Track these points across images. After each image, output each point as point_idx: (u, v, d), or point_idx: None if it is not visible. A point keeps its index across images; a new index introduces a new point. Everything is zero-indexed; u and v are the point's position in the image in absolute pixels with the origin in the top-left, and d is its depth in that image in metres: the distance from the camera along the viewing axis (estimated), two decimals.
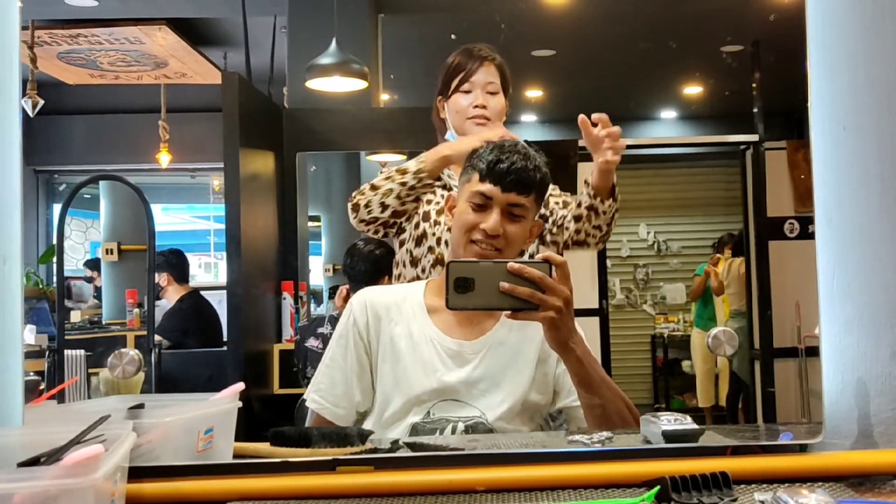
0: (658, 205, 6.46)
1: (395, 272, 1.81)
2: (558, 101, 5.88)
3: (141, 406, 0.96)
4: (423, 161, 1.72)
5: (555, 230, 1.77)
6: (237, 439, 1.08)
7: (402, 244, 1.79)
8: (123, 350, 1.04)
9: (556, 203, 1.78)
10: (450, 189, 1.72)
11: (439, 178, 1.78)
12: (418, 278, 1.71)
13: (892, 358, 0.99)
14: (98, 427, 0.85)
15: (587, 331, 1.37)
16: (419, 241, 1.75)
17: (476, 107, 1.77)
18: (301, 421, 1.57)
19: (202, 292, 5.37)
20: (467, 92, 1.78)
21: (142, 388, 3.65)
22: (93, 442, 0.82)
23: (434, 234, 1.75)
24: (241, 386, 1.08)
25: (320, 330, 2.91)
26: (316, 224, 5.21)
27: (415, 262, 1.74)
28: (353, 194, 1.76)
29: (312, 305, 4.62)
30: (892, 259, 1.02)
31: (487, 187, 1.37)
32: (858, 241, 1.03)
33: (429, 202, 1.76)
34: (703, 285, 5.21)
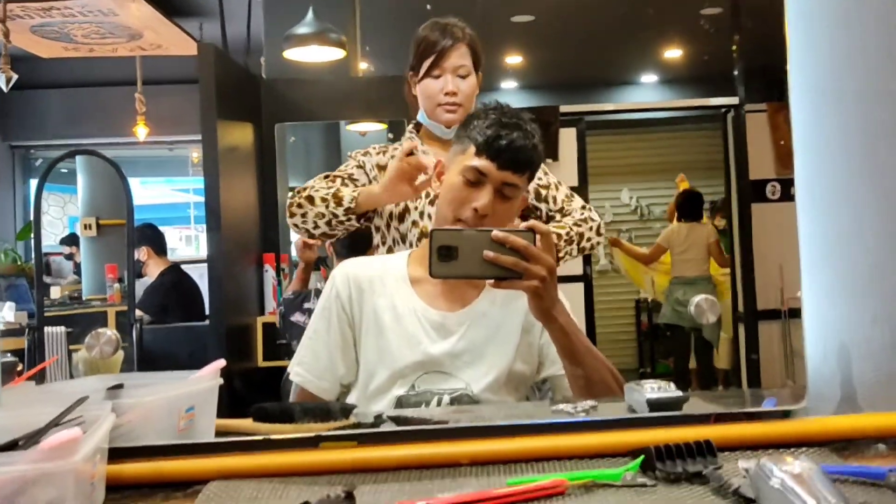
0: (640, 169, 6.46)
1: (384, 249, 1.79)
2: (538, 67, 5.85)
3: (120, 386, 0.95)
4: (355, 203, 1.65)
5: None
6: (221, 414, 1.08)
7: (387, 225, 1.77)
8: (101, 330, 1.02)
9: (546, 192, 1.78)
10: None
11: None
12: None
13: (873, 322, 0.99)
14: (76, 409, 0.84)
15: (571, 297, 1.37)
16: (402, 217, 1.73)
17: (447, 94, 1.72)
18: (286, 394, 1.57)
19: (183, 266, 5.35)
20: (437, 77, 1.74)
21: (122, 366, 3.64)
22: (71, 424, 0.80)
23: (416, 209, 1.73)
24: (221, 363, 1.07)
25: (306, 305, 2.90)
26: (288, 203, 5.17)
27: (403, 238, 1.72)
28: (292, 196, 1.71)
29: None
30: (872, 224, 1.02)
31: (483, 163, 1.34)
32: (838, 207, 1.03)
33: None
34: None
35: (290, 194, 1.73)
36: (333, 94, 4.14)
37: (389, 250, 1.74)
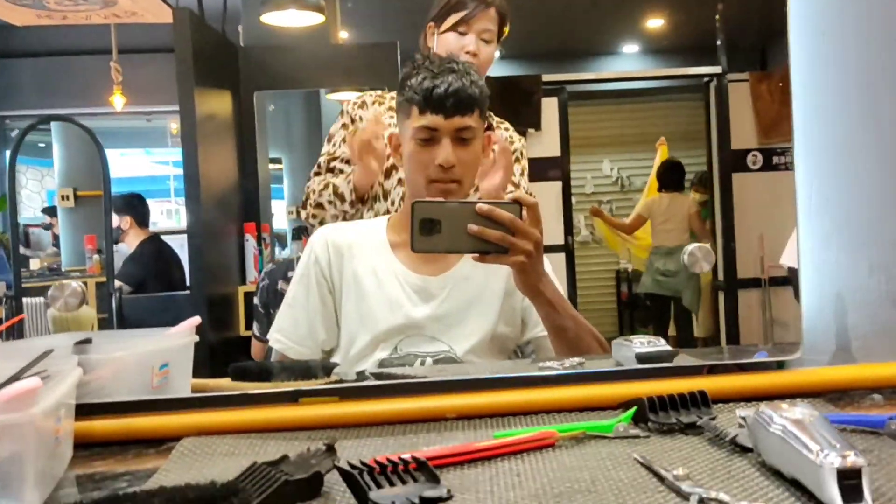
0: (621, 140, 6.43)
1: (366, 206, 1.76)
2: (520, 36, 5.78)
3: (88, 341, 0.90)
4: (354, 193, 1.67)
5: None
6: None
7: None
8: (65, 281, 0.97)
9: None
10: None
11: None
12: (388, 212, 1.66)
13: (870, 272, 0.96)
14: (41, 363, 0.80)
15: (553, 267, 1.34)
16: (388, 173, 1.69)
17: (468, 52, 1.68)
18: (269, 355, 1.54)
19: (163, 237, 5.28)
20: (462, 34, 1.69)
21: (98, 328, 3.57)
22: (34, 378, 0.76)
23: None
24: (196, 320, 1.03)
25: (291, 273, 2.84)
26: (277, 167, 5.11)
27: (385, 195, 1.69)
28: (306, 213, 1.75)
29: (277, 249, 4.55)
30: (871, 171, 0.99)
31: (430, 119, 1.30)
32: (837, 153, 1.00)
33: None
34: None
35: (303, 213, 1.76)
36: (313, 62, 4.07)
37: (371, 207, 1.71)
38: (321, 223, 1.68)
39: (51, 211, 6.38)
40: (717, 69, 5.37)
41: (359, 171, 1.64)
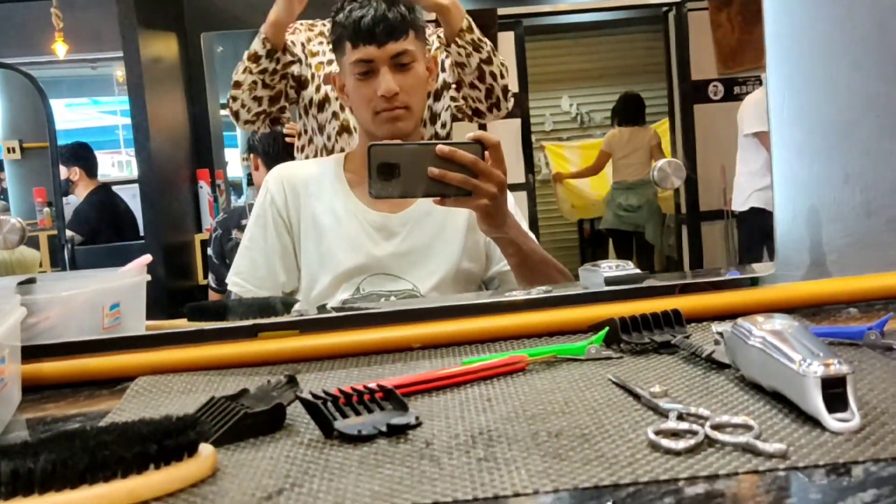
0: (579, 76, 6.35)
1: (302, 141, 1.69)
2: None
3: (32, 281, 0.85)
4: (264, 37, 1.49)
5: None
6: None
7: (306, 111, 1.66)
8: (3, 217, 0.92)
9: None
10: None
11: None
12: (325, 147, 1.60)
13: (845, 182, 0.94)
14: None
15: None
16: (321, 105, 1.62)
17: None
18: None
19: (115, 188, 5.15)
20: None
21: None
22: None
23: (337, 99, 1.62)
24: (147, 258, 0.99)
25: (245, 221, 2.76)
26: (228, 113, 4.98)
27: (321, 129, 1.62)
28: (227, 101, 1.60)
29: (232, 197, 4.45)
30: (845, 79, 0.96)
31: (363, 51, 1.26)
32: (810, 60, 0.96)
33: (329, 63, 1.62)
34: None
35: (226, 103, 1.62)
36: (260, 0, 3.94)
37: (310, 141, 1.64)
38: (243, 113, 1.57)
39: None
40: None
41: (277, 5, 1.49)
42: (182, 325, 1.02)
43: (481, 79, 1.52)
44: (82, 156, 4.31)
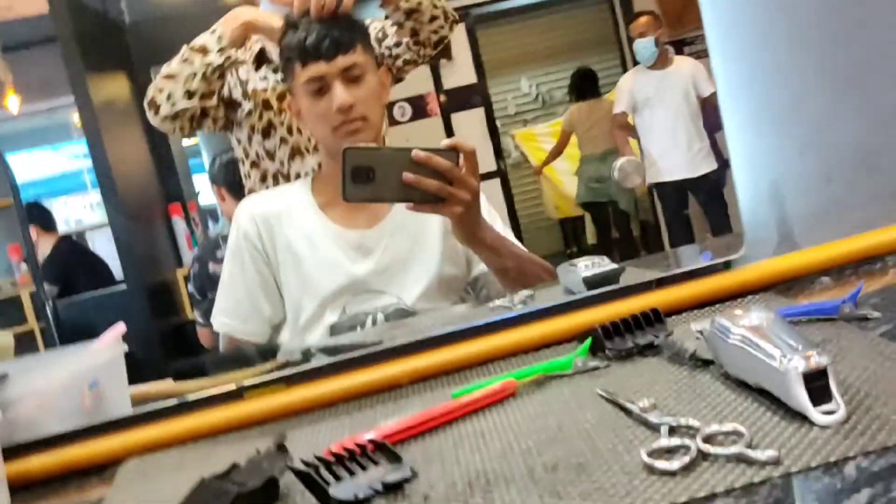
0: (534, 56, 6.34)
1: (246, 168, 1.66)
2: None
3: (3, 377, 0.84)
4: (221, 35, 1.46)
5: (394, 66, 1.61)
6: (163, 374, 0.98)
7: (249, 139, 1.63)
8: None
9: (378, 34, 1.56)
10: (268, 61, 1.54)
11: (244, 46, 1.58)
12: (279, 172, 1.59)
13: (801, 154, 0.94)
14: None
15: (489, 195, 1.30)
16: (266, 132, 1.59)
17: None
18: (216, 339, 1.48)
19: (88, 233, 5.13)
20: None
21: (45, 343, 3.48)
22: None
23: (283, 123, 1.59)
24: (121, 327, 0.97)
25: (220, 253, 2.74)
26: (191, 141, 4.95)
27: (271, 156, 1.60)
28: (148, 90, 1.52)
29: (210, 224, 4.43)
30: (788, 54, 0.95)
31: (313, 68, 1.25)
32: (751, 32, 0.96)
33: (263, 91, 1.59)
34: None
35: (147, 93, 1.52)
36: (204, 27, 3.91)
37: (253, 165, 1.62)
38: (166, 108, 1.49)
39: None
40: None
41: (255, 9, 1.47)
42: (167, 387, 1.01)
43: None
44: (35, 214, 4.31)
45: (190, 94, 1.48)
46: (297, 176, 1.57)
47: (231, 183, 2.33)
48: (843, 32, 0.97)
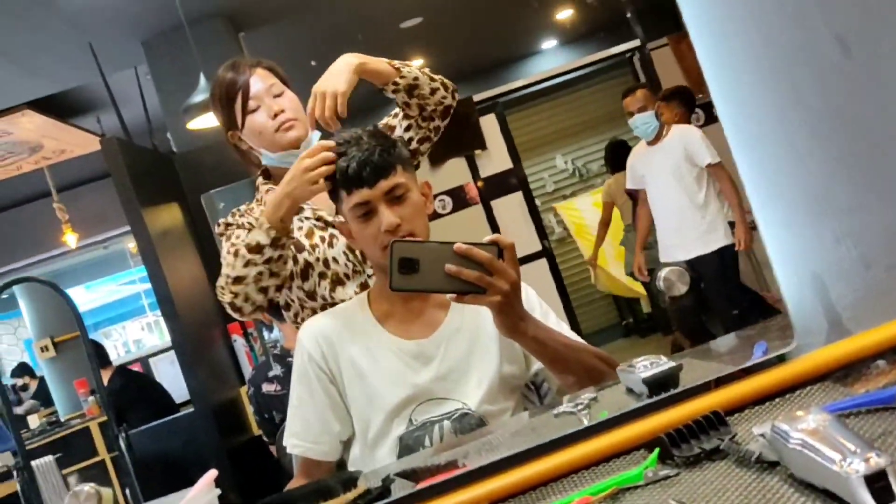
0: (566, 133, 6.48)
1: (290, 313, 1.68)
2: (441, 62, 5.84)
3: None
4: (268, 227, 1.45)
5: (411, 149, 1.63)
6: (229, 492, 1.03)
7: (289, 287, 1.64)
8: (76, 489, 0.97)
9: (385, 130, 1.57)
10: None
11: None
12: (322, 309, 1.61)
13: (837, 242, 0.97)
14: None
15: (536, 274, 1.36)
16: (305, 274, 1.62)
17: (276, 115, 1.60)
18: (286, 456, 1.51)
19: (151, 360, 5.26)
20: (255, 109, 1.61)
21: (119, 479, 3.55)
22: None
23: (318, 259, 1.62)
24: (213, 473, 1.03)
25: (271, 373, 2.84)
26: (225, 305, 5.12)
27: (311, 296, 1.63)
28: (222, 294, 1.54)
29: (265, 334, 4.53)
30: (806, 146, 1.00)
31: (358, 194, 1.34)
32: (770, 138, 1.01)
33: (299, 228, 1.65)
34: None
35: (219, 293, 1.55)
36: None
37: (298, 312, 1.66)
38: (245, 307, 1.52)
39: (19, 371, 6.34)
40: (636, 42, 5.45)
41: (281, 188, 1.45)
42: None
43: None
44: (89, 353, 4.47)
45: (265, 290, 1.52)
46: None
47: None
48: (863, 118, 1.01)
